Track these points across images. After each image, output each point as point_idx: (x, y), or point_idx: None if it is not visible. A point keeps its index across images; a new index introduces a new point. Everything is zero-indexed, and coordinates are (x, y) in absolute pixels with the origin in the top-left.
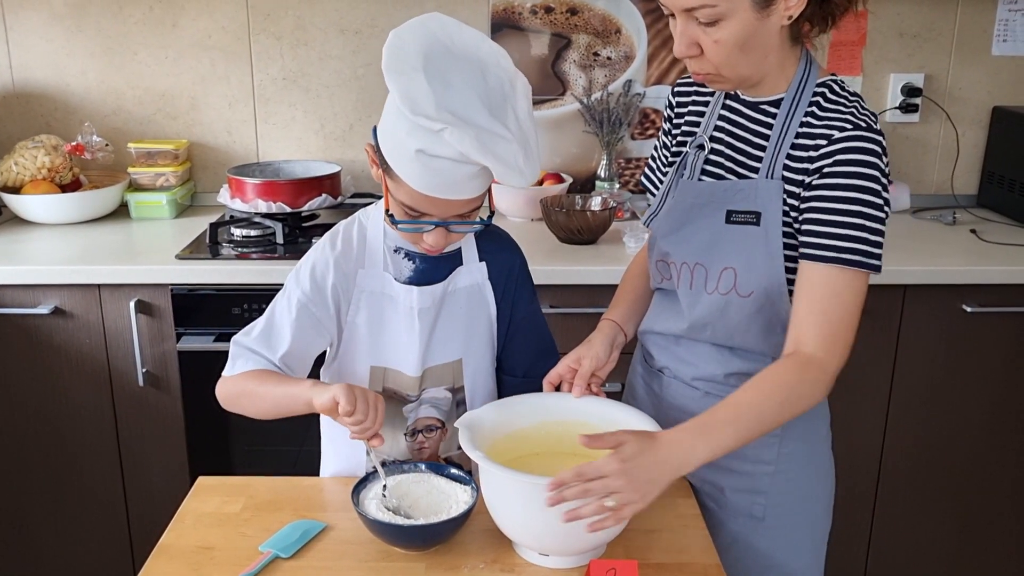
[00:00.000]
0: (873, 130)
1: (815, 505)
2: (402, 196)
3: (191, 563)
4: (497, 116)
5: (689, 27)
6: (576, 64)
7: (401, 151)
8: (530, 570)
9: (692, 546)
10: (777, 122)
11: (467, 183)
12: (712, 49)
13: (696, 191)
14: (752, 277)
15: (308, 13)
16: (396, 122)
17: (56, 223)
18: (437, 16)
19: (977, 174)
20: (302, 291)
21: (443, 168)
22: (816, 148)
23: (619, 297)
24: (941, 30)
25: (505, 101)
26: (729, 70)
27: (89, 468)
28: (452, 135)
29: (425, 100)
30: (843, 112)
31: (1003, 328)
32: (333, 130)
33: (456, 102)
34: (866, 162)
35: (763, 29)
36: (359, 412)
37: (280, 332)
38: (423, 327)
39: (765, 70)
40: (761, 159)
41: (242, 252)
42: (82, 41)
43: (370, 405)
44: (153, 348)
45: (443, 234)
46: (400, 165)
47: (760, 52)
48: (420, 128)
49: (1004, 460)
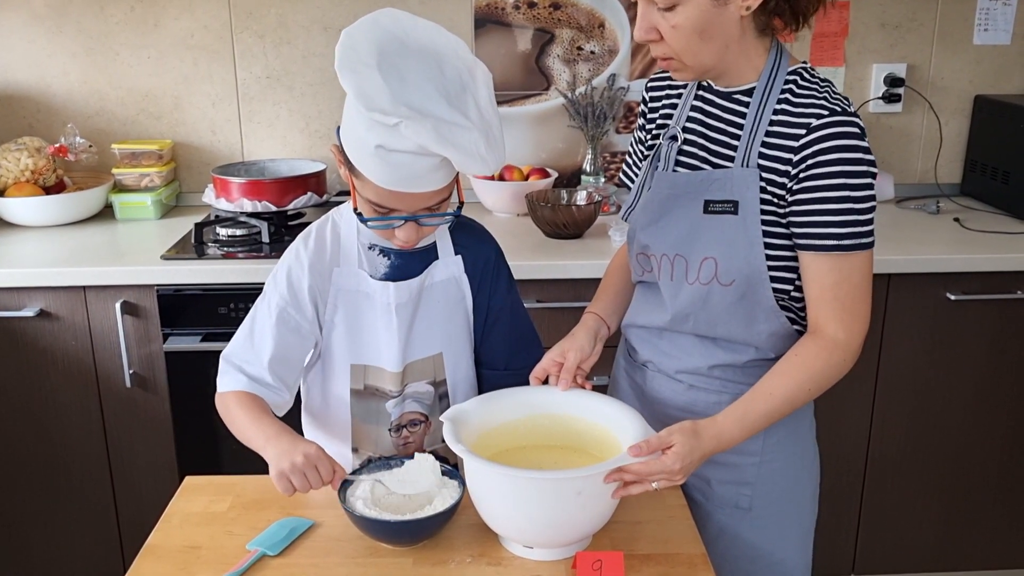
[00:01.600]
0: (848, 113)
1: (801, 495)
2: (368, 193)
3: (178, 563)
4: (456, 106)
5: (649, 12)
6: (560, 59)
7: (361, 148)
8: (516, 563)
9: (678, 537)
10: (750, 111)
11: (429, 175)
12: (670, 34)
13: (672, 182)
14: (732, 265)
15: (291, 11)
16: (355, 120)
17: (40, 225)
18: (390, 11)
19: (960, 163)
20: (280, 295)
21: (403, 162)
22: (795, 138)
23: (602, 290)
24: (923, 20)
25: (464, 91)
26: (690, 57)
27: (77, 469)
28: (408, 128)
29: (380, 95)
30: (816, 98)
31: (987, 315)
32: (318, 128)
33: (412, 95)
34: (846, 146)
35: (721, 18)
36: (300, 488)
37: (262, 339)
38: (401, 323)
39: (729, 60)
40: (736, 148)
41: (228, 252)
42: (63, 42)
43: (310, 479)
44: (140, 349)
45: (414, 228)
46: (362, 162)
47: (720, 41)
48: (377, 124)
49: (989, 446)
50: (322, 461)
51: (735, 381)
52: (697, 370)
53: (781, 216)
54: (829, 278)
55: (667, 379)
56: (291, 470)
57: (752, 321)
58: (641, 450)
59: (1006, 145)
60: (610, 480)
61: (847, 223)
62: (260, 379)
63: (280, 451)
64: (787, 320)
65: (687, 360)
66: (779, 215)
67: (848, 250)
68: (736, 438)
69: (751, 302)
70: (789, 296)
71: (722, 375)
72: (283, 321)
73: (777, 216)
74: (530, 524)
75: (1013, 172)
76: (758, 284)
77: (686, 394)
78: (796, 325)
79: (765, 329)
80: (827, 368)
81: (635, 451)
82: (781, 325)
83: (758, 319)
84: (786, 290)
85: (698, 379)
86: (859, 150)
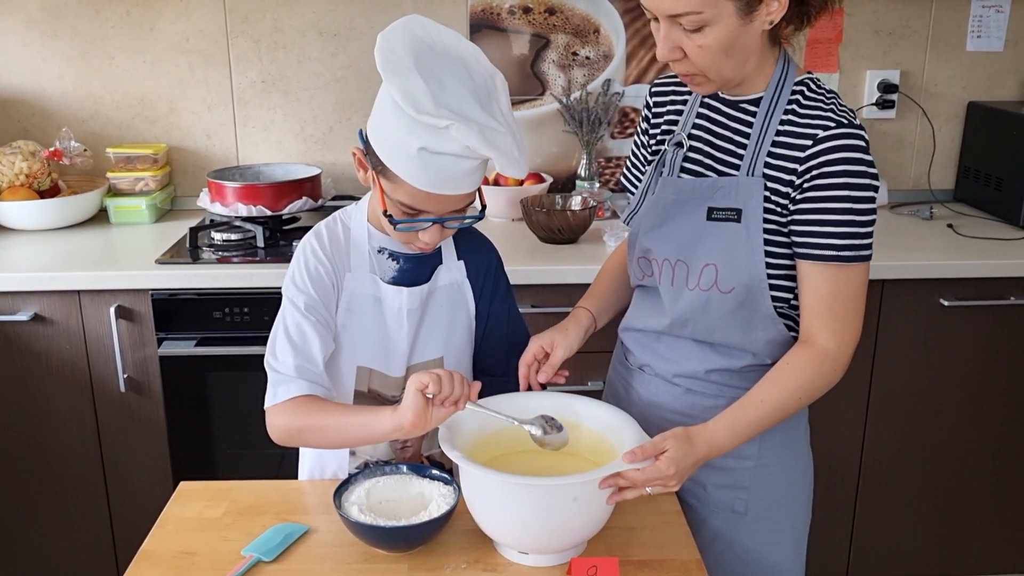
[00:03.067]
0: (854, 125)
1: (795, 499)
2: (400, 196)
3: (173, 569)
4: (488, 111)
5: (673, 32)
6: (555, 64)
7: (401, 150)
8: (512, 569)
9: (673, 542)
10: (757, 120)
11: (467, 178)
12: (696, 53)
13: (677, 188)
14: (733, 273)
15: (286, 15)
16: (395, 122)
17: (35, 229)
18: (417, 18)
19: (954, 169)
20: (307, 295)
21: (445, 164)
22: (802, 148)
23: (596, 287)
24: (916, 27)
25: (490, 96)
26: (714, 73)
27: (72, 475)
28: (458, 131)
29: (424, 98)
30: (823, 110)
31: (980, 321)
32: (313, 133)
33: (451, 99)
34: (852, 159)
35: (746, 34)
36: (445, 389)
37: (308, 342)
38: (410, 327)
39: (746, 71)
40: (741, 156)
41: (223, 256)
42: (58, 45)
43: (456, 380)
44: (134, 354)
45: (439, 231)
46: (400, 164)
47: (742, 55)
48: (423, 126)
49: (982, 452)
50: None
51: (731, 385)
52: (694, 374)
53: (783, 225)
54: (825, 288)
55: (664, 383)
56: (430, 378)
57: (750, 328)
58: (635, 456)
59: (999, 151)
60: (605, 486)
61: (847, 235)
62: (320, 382)
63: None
64: (785, 328)
65: (684, 364)
66: (781, 224)
67: (847, 261)
68: (727, 444)
69: (750, 309)
70: (788, 305)
71: (719, 379)
72: (318, 319)
73: (779, 225)
74: (525, 530)
75: (1006, 178)
76: (758, 292)
77: (682, 398)
78: (794, 332)
79: (763, 336)
80: (818, 377)
81: (629, 457)
82: (779, 332)
83: (756, 326)
84: (785, 299)
85: (695, 383)
86: (864, 163)
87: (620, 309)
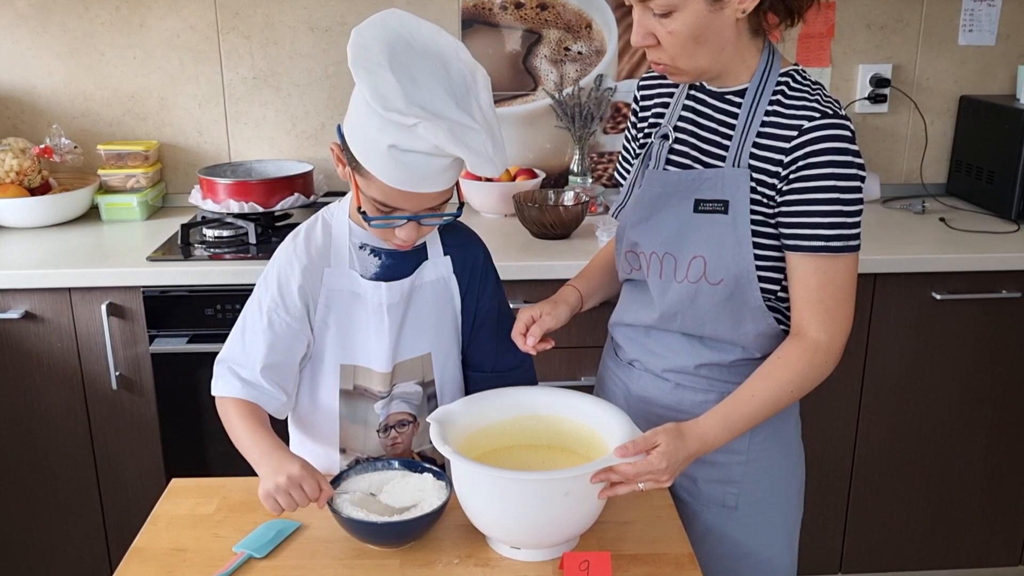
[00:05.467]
0: (839, 116)
1: (787, 493)
2: (374, 192)
3: (164, 565)
4: (463, 108)
5: (645, 17)
6: (547, 59)
7: (372, 148)
8: (504, 564)
9: (665, 537)
10: (742, 111)
11: (439, 176)
12: (667, 40)
13: (663, 180)
14: (721, 265)
15: (277, 11)
16: (367, 119)
17: (26, 227)
18: (396, 12)
19: (946, 163)
20: (270, 297)
21: (416, 162)
22: (787, 140)
23: (587, 269)
24: (908, 21)
25: (468, 93)
26: (685, 61)
27: (64, 472)
28: (426, 129)
29: (394, 96)
30: (808, 101)
31: (972, 315)
32: (304, 129)
33: (424, 96)
34: (837, 149)
35: (717, 22)
36: (287, 508)
37: (254, 343)
38: (392, 323)
39: (724, 62)
40: (727, 148)
41: (214, 253)
42: (47, 42)
43: (296, 498)
44: (126, 351)
45: (415, 228)
46: (372, 161)
47: (716, 44)
48: (392, 124)
49: (974, 445)
50: (306, 480)
51: (722, 380)
52: (684, 369)
53: (770, 217)
54: (814, 279)
55: (654, 378)
56: (275, 490)
57: (739, 321)
58: (627, 451)
59: (991, 145)
60: (596, 480)
61: (835, 224)
62: (256, 384)
63: (268, 470)
64: (774, 321)
65: (674, 359)
66: (768, 216)
67: (835, 252)
68: (720, 439)
69: (739, 302)
70: (776, 297)
71: (708, 374)
72: (273, 324)
73: (766, 217)
74: (517, 525)
75: (998, 172)
76: (746, 284)
77: (672, 393)
78: (783, 326)
79: (752, 329)
80: (809, 370)
81: (621, 451)
82: (768, 326)
83: (745, 319)
84: (773, 291)
85: (685, 378)
86: (849, 153)
87: (608, 296)
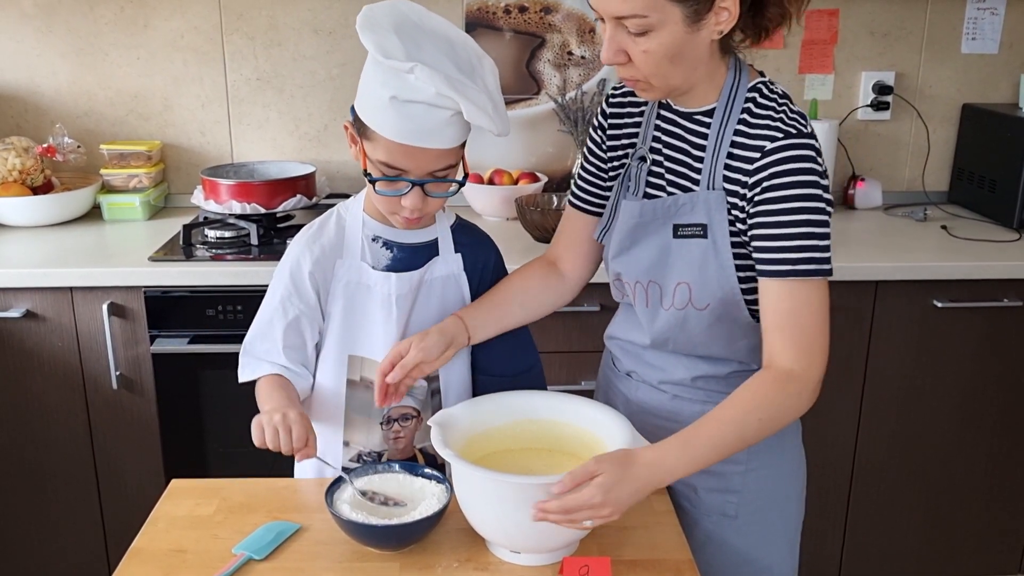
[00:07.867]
0: (803, 135)
1: (787, 501)
2: (379, 154)
3: (164, 566)
4: (465, 74)
5: (618, 34)
6: (550, 63)
7: (375, 102)
8: (504, 568)
9: (665, 543)
10: (712, 132)
11: (441, 131)
12: (640, 58)
13: (639, 211)
14: (706, 290)
15: (281, 13)
16: (371, 77)
17: (28, 226)
18: (407, 0)
19: (948, 171)
20: (283, 286)
21: (417, 113)
22: (750, 161)
23: (484, 297)
24: (911, 28)
25: (473, 71)
26: (658, 80)
27: (63, 472)
28: (422, 72)
29: (396, 50)
30: (772, 119)
31: (973, 323)
32: (307, 131)
33: (426, 56)
34: (801, 169)
35: (693, 42)
36: (269, 443)
37: (272, 334)
38: (400, 314)
39: (694, 80)
40: (700, 170)
41: (216, 254)
42: (52, 41)
43: (282, 440)
44: (127, 351)
45: (420, 196)
46: (375, 117)
47: (690, 64)
48: (392, 73)
49: (975, 453)
50: (297, 427)
51: (718, 391)
52: (681, 381)
53: (747, 235)
54: (784, 304)
55: (651, 389)
56: (267, 421)
57: (732, 339)
58: (564, 485)
59: (993, 153)
60: (538, 519)
61: (803, 248)
62: (281, 363)
63: (273, 406)
64: None
65: (671, 372)
66: (745, 235)
67: (804, 275)
68: (681, 466)
69: (728, 322)
70: None
71: (705, 386)
72: (289, 312)
73: (744, 237)
74: (517, 529)
75: (1000, 180)
76: (733, 305)
77: (670, 404)
78: None
79: (745, 344)
80: (779, 397)
81: (559, 487)
82: (761, 338)
83: (737, 336)
84: None
85: (682, 390)
86: (813, 173)
87: (504, 328)
